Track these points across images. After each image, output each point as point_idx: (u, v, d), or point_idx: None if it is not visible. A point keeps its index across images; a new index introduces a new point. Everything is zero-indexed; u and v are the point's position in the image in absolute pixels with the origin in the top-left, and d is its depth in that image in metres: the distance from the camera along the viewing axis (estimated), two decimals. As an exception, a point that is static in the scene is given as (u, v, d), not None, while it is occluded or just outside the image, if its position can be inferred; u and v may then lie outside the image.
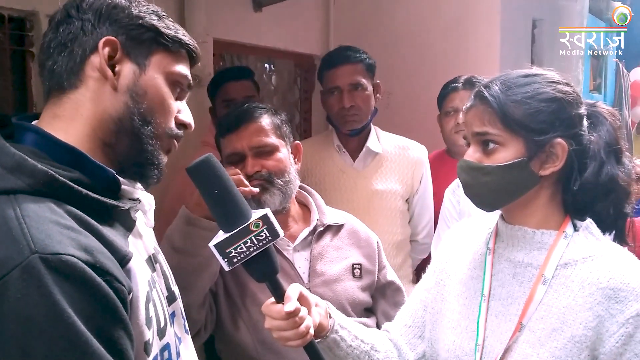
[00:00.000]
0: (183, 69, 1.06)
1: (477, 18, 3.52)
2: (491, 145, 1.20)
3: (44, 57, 1.00)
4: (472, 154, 1.23)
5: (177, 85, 1.06)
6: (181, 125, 1.08)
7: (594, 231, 1.23)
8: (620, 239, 1.26)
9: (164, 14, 1.05)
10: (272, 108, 1.79)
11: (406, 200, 2.53)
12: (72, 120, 0.97)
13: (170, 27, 1.03)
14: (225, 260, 1.08)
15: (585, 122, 1.22)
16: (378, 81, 2.54)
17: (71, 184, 0.89)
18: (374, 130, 2.55)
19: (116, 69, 0.98)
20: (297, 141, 1.82)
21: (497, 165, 1.19)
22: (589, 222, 1.23)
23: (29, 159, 0.88)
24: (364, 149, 2.49)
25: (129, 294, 0.90)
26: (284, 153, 1.72)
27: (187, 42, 1.06)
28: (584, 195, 1.21)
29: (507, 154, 1.19)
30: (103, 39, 0.97)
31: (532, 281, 1.21)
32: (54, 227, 0.83)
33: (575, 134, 1.20)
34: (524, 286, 1.22)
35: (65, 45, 0.97)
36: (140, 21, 1.00)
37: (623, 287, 1.12)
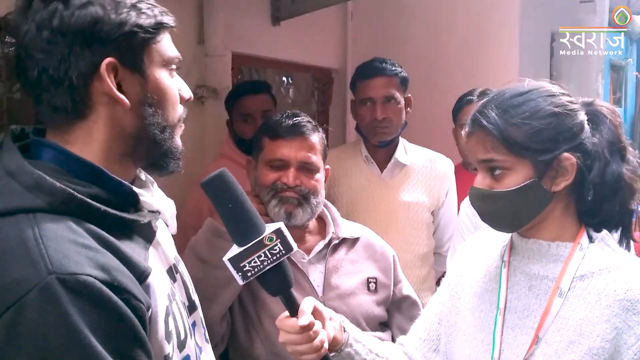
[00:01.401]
0: (171, 49, 1.03)
1: (496, 31, 3.51)
2: (498, 171, 1.19)
3: (37, 90, 0.94)
4: (481, 181, 1.22)
5: (172, 67, 1.04)
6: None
7: (610, 242, 1.22)
8: (626, 235, 1.24)
9: None
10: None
11: (431, 213, 2.53)
12: (86, 145, 0.96)
13: (149, 14, 0.98)
14: (240, 274, 1.08)
15: (587, 127, 1.20)
16: (409, 95, 2.55)
17: (89, 201, 0.89)
18: (402, 142, 2.55)
19: (123, 87, 0.95)
20: (327, 166, 1.83)
21: (508, 190, 1.18)
22: (604, 233, 1.22)
23: (47, 177, 0.88)
24: (392, 161, 2.49)
25: (148, 310, 0.90)
26: (322, 175, 1.75)
27: (167, 22, 1.01)
28: (592, 196, 1.19)
29: (517, 177, 1.17)
30: (104, 65, 0.92)
31: (548, 293, 1.20)
32: (71, 247, 0.83)
33: (579, 145, 1.18)
34: (540, 299, 1.21)
35: (60, 80, 0.92)
36: (125, 28, 0.94)
37: None
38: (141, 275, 0.91)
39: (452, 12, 3.60)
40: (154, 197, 1.04)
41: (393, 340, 1.75)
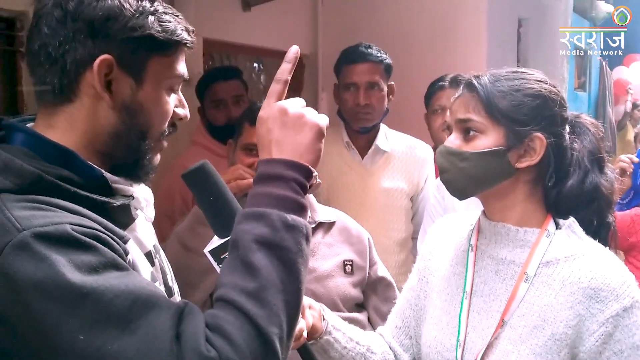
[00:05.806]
0: (181, 67, 1.03)
1: (464, 17, 3.55)
2: (472, 133, 1.23)
3: (34, 62, 0.95)
4: (452, 141, 1.25)
5: (174, 85, 1.03)
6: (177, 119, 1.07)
7: (577, 230, 1.24)
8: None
9: (159, 6, 0.99)
10: None
11: (410, 199, 2.56)
12: (66, 131, 0.96)
13: (168, 28, 0.98)
14: (220, 265, 1.09)
15: (567, 126, 1.26)
16: (392, 82, 2.56)
17: (58, 182, 0.89)
18: (383, 128, 2.57)
19: (112, 87, 0.95)
20: None
21: (474, 152, 1.21)
22: (571, 220, 1.25)
23: (16, 159, 0.88)
24: (372, 147, 2.51)
25: (126, 255, 0.90)
26: None
27: (183, 41, 1.01)
28: (568, 202, 1.24)
29: (487, 141, 1.21)
30: (98, 60, 0.92)
31: (514, 278, 1.23)
32: (36, 211, 0.84)
33: (555, 132, 1.22)
34: (506, 283, 1.24)
35: (56, 59, 0.93)
36: (135, 33, 0.94)
37: (604, 287, 1.14)
38: (121, 239, 0.91)
39: (421, -3, 3.64)
40: (130, 185, 1.03)
41: (369, 320, 1.79)
